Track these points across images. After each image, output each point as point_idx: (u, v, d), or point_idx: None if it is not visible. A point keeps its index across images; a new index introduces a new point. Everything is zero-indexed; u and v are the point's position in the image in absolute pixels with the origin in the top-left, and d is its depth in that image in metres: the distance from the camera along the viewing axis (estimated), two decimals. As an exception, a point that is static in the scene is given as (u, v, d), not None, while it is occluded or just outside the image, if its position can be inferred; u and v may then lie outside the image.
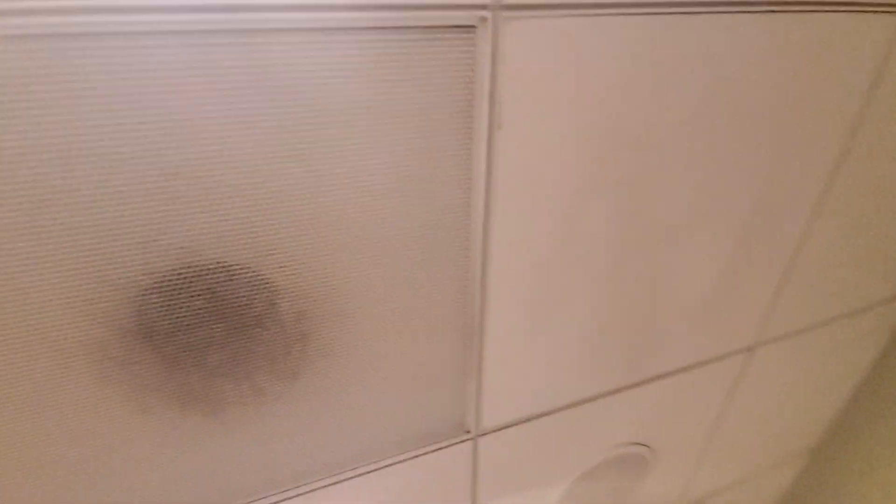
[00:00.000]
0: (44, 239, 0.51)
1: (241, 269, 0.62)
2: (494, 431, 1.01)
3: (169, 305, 0.60)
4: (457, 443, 0.98)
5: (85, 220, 0.52)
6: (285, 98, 0.53)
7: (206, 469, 0.76)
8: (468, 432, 0.98)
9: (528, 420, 1.04)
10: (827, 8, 0.73)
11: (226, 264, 0.61)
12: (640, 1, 0.61)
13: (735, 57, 0.73)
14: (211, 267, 0.60)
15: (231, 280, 0.62)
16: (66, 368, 0.58)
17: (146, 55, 0.47)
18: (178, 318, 0.61)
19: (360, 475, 0.91)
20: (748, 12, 0.68)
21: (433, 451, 0.96)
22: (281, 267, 0.64)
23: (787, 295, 1.19)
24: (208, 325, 0.63)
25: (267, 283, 0.64)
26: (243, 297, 0.63)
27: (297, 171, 0.58)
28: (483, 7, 0.55)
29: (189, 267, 0.59)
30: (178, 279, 0.59)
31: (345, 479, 0.90)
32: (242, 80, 0.51)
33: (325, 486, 0.89)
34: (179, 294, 0.59)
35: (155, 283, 0.58)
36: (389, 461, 0.93)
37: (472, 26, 0.56)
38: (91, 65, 0.46)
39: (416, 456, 0.95)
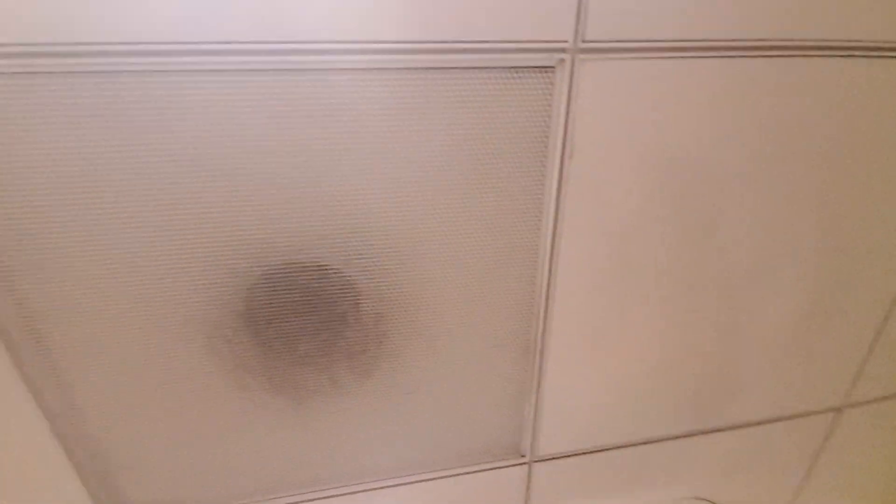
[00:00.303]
0: (188, 229, 0.63)
1: (333, 270, 0.71)
2: (550, 460, 1.01)
3: (272, 295, 0.70)
4: (511, 465, 0.99)
5: (220, 216, 0.63)
6: (382, 129, 0.63)
7: (285, 452, 0.84)
8: (523, 456, 0.99)
9: (586, 453, 1.03)
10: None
11: (321, 265, 0.70)
12: (711, 45, 0.65)
13: (813, 99, 0.74)
14: (309, 265, 0.70)
15: (324, 279, 0.71)
16: (188, 340, 0.69)
17: (275, 90, 0.58)
18: (278, 307, 0.71)
19: (414, 482, 0.94)
20: (824, 56, 0.70)
21: (486, 470, 0.98)
22: (366, 271, 0.72)
23: (882, 352, 1.10)
24: (301, 317, 0.72)
25: (353, 284, 0.73)
26: (332, 294, 0.72)
27: (384, 190, 0.67)
28: (562, 51, 0.62)
29: (292, 264, 0.69)
30: (282, 273, 0.69)
31: (401, 484, 0.94)
32: (345, 114, 0.61)
33: (381, 489, 0.93)
34: (282, 286, 0.69)
35: (265, 274, 0.68)
36: (443, 473, 0.96)
37: (552, 67, 0.63)
38: (232, 99, 0.58)
39: (470, 472, 0.97)
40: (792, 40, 0.68)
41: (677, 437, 1.08)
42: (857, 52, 0.71)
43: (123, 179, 0.59)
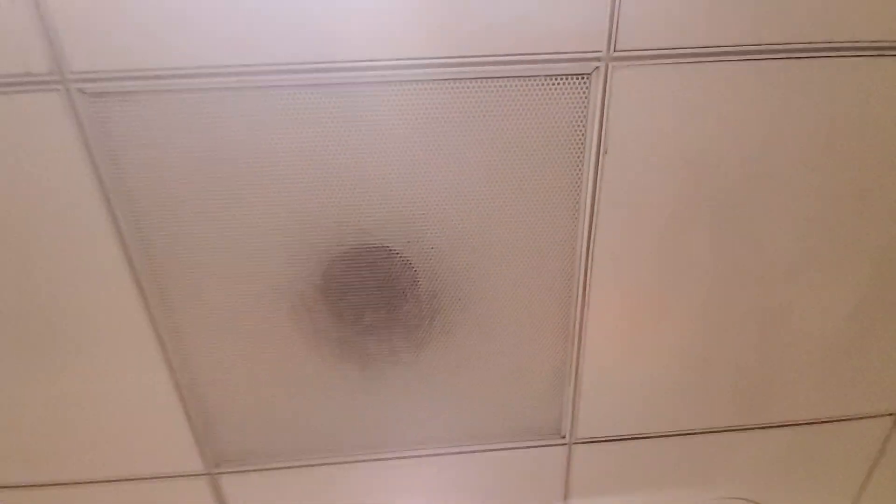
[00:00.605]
0: (282, 216, 0.78)
1: (396, 252, 0.83)
2: (589, 442, 1.07)
3: (345, 271, 0.82)
4: (551, 445, 1.06)
5: (307, 206, 0.77)
6: (438, 133, 0.74)
7: (350, 415, 0.96)
8: (563, 438, 1.06)
9: (625, 439, 1.08)
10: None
11: (386, 247, 0.82)
12: (736, 49, 0.72)
13: (847, 98, 0.78)
14: (377, 247, 0.82)
15: (388, 258, 0.83)
16: (277, 308, 0.83)
17: (352, 103, 0.71)
18: (349, 281, 0.83)
19: (461, 453, 1.03)
20: (852, 56, 0.74)
21: (528, 447, 1.05)
22: (422, 253, 0.83)
23: (940, 355, 1.07)
24: (368, 291, 0.85)
25: (411, 265, 0.84)
26: (394, 273, 0.84)
27: (439, 184, 0.78)
28: (597, 59, 0.71)
29: (363, 245, 0.81)
30: (354, 252, 0.81)
31: (449, 454, 1.03)
32: (421, 118, 0.73)
33: (431, 456, 1.03)
34: (353, 264, 0.82)
35: (340, 253, 0.81)
36: (488, 447, 1.04)
37: (588, 74, 0.72)
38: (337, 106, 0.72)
39: (513, 448, 1.05)
40: (818, 42, 0.73)
41: (717, 431, 1.11)
42: (887, 52, 0.75)
43: (239, 178, 0.74)
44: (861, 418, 1.15)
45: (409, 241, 0.82)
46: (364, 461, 1.01)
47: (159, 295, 0.81)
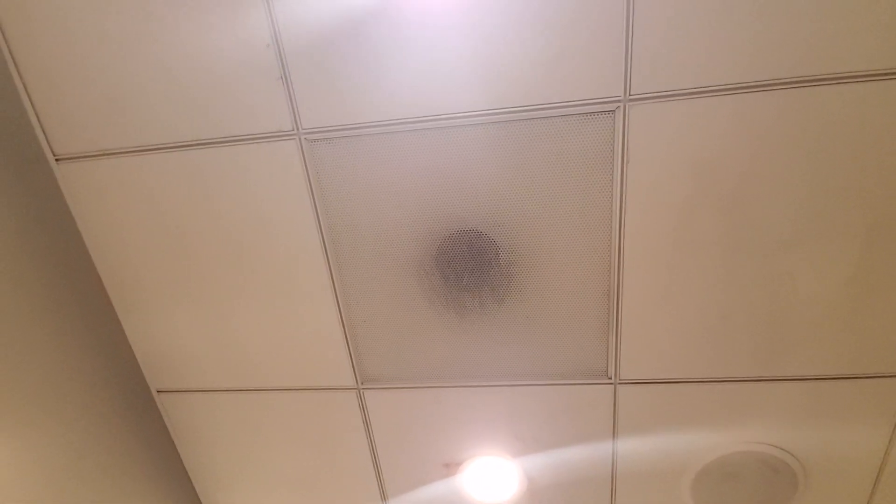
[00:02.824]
0: (413, 211, 1.21)
1: (484, 233, 1.24)
2: (631, 384, 1.39)
3: (451, 246, 1.24)
4: (599, 384, 1.39)
5: (430, 203, 1.20)
6: (518, 154, 1.15)
7: (451, 353, 1.37)
8: (610, 378, 1.39)
9: (662, 382, 1.38)
10: None
11: (477, 230, 1.23)
12: (723, 87, 1.06)
13: (821, 115, 1.08)
14: (471, 230, 1.23)
15: (479, 238, 1.24)
16: (405, 272, 1.27)
17: (456, 141, 1.14)
18: (453, 253, 1.25)
19: (527, 385, 1.40)
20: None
21: (581, 384, 1.39)
22: (503, 234, 1.23)
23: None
24: (465, 260, 1.26)
25: (495, 242, 1.24)
26: (483, 248, 1.25)
27: (513, 188, 1.18)
28: (618, 101, 1.08)
29: (462, 229, 1.23)
30: (457, 234, 1.23)
31: (519, 385, 1.40)
32: (500, 144, 1.14)
33: (506, 386, 1.40)
34: (457, 241, 1.24)
35: (448, 234, 1.23)
36: (549, 382, 1.40)
37: (612, 110, 1.09)
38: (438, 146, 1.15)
39: (569, 384, 1.40)
40: (794, 77, 1.04)
41: (741, 381, 1.37)
42: (844, 80, 1.04)
43: (390, 191, 1.20)
44: (877, 377, 1.35)
45: (493, 226, 1.23)
46: (460, 387, 1.41)
47: (337, 262, 1.28)
